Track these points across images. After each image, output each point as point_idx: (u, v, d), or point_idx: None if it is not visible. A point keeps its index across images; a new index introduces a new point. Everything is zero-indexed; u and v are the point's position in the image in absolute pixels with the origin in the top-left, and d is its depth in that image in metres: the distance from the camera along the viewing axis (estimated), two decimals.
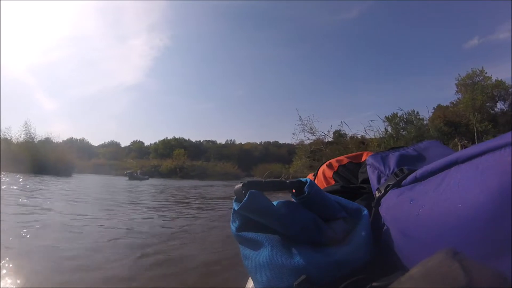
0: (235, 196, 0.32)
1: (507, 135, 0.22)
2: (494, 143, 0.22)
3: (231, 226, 0.35)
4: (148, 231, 3.09)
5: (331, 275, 0.30)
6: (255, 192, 0.31)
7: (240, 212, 0.32)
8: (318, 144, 7.08)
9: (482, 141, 0.47)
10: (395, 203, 0.33)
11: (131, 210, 4.74)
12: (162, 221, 3.82)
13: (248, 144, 43.10)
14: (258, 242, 0.32)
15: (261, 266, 0.31)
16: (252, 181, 0.32)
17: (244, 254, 0.34)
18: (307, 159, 7.22)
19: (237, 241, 0.35)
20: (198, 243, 2.72)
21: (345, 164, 0.62)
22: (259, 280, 0.31)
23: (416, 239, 0.28)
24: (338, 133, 7.19)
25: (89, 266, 1.89)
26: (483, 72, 17.41)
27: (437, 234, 0.25)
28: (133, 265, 1.97)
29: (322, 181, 0.62)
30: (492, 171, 0.21)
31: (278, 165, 9.43)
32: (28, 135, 17.54)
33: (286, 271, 0.29)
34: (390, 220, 0.34)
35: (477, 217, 0.21)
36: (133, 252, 2.23)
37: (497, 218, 0.20)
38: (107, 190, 8.37)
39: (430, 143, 0.47)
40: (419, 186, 0.31)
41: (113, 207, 4.84)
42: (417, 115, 6.13)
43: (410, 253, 0.30)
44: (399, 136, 5.66)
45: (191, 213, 4.71)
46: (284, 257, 0.30)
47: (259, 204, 0.31)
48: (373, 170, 0.42)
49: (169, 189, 10.37)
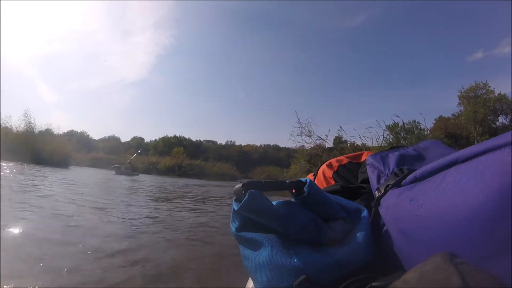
0: (235, 196, 0.32)
1: (507, 135, 0.22)
2: (494, 143, 0.22)
3: (231, 226, 0.35)
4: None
5: (331, 275, 0.30)
6: (255, 192, 0.31)
7: (240, 212, 0.32)
8: (318, 149, 7.05)
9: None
10: (395, 203, 0.33)
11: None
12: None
13: (248, 146, 42.93)
14: (258, 242, 0.32)
15: (261, 266, 0.31)
16: (252, 181, 0.32)
17: (244, 254, 0.34)
18: (305, 163, 7.20)
19: (237, 241, 0.35)
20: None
21: (345, 164, 0.62)
22: (259, 280, 0.31)
23: (416, 239, 0.28)
24: (338, 139, 7.15)
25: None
26: (487, 86, 17.64)
27: (437, 233, 0.25)
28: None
29: (322, 181, 0.62)
30: (492, 171, 0.21)
31: (276, 168, 9.37)
32: (28, 125, 17.24)
33: (286, 271, 0.29)
34: (390, 220, 0.34)
35: (477, 217, 0.21)
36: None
37: (497, 218, 0.20)
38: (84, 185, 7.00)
39: (430, 143, 0.47)
40: (419, 186, 0.31)
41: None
42: (418, 125, 6.13)
43: (410, 253, 0.30)
44: (399, 145, 5.73)
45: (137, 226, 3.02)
46: (284, 257, 0.30)
47: (259, 204, 0.31)
48: (373, 170, 0.42)
49: (152, 186, 9.25)
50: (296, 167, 7.62)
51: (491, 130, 16.98)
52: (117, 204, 4.49)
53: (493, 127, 17.43)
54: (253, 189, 0.31)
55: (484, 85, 17.69)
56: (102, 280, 1.58)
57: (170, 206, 4.96)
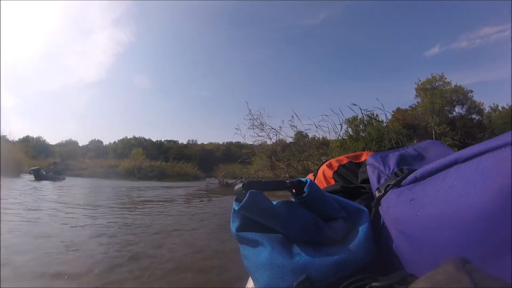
0: (235, 196, 0.32)
1: (507, 135, 0.22)
2: (494, 143, 0.22)
3: (231, 226, 0.35)
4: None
5: (331, 275, 0.30)
6: (255, 192, 0.31)
7: (240, 212, 0.32)
8: (279, 145, 6.88)
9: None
10: (395, 203, 0.33)
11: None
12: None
13: (211, 144, 41.58)
14: (258, 242, 0.32)
15: (261, 266, 0.31)
16: (252, 181, 0.32)
17: (244, 254, 0.34)
18: (267, 159, 7.04)
19: (237, 241, 0.35)
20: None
21: (345, 164, 0.62)
22: (259, 280, 0.31)
23: (416, 239, 0.28)
24: (300, 134, 6.93)
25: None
26: (443, 78, 18.30)
27: (437, 234, 0.25)
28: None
29: (322, 181, 0.62)
30: (492, 171, 0.21)
31: (238, 166, 9.29)
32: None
33: (286, 271, 0.29)
34: (390, 220, 0.34)
35: (477, 217, 0.21)
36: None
37: (497, 218, 0.20)
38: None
39: (430, 143, 0.47)
40: (419, 186, 0.31)
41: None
42: (376, 117, 6.07)
43: (410, 253, 0.30)
44: (359, 137, 5.72)
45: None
46: (284, 257, 0.30)
47: (259, 204, 0.31)
48: (373, 170, 0.42)
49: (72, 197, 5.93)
50: (258, 163, 7.42)
51: (448, 119, 17.67)
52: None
53: (450, 117, 18.13)
54: (253, 189, 0.31)
55: (440, 77, 18.25)
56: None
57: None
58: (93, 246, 2.27)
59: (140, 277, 1.65)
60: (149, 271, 1.74)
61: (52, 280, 1.57)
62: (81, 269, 1.73)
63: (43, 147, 33.56)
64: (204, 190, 9.29)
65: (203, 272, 1.78)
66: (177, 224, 3.31)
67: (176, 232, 2.87)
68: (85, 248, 2.18)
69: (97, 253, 2.07)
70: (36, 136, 37.48)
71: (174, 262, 1.93)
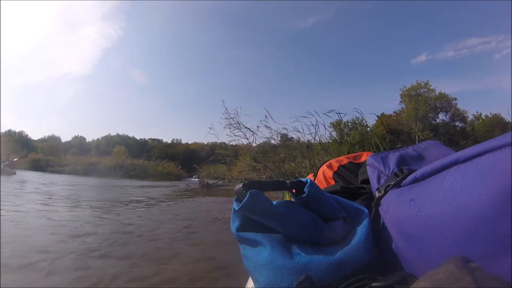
0: (236, 196, 0.32)
1: (507, 135, 0.22)
2: (494, 143, 0.22)
3: (231, 226, 0.35)
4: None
5: (331, 275, 0.30)
6: (256, 192, 0.31)
7: (240, 212, 0.32)
8: (265, 146, 6.79)
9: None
10: (395, 203, 0.33)
11: None
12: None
13: (195, 144, 40.61)
14: (258, 242, 0.32)
15: (261, 266, 0.31)
16: (253, 181, 0.32)
17: (244, 254, 0.34)
18: (250, 160, 6.95)
19: (237, 241, 0.35)
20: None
21: (345, 164, 0.62)
22: (259, 280, 0.31)
23: (416, 239, 0.28)
24: (285, 137, 6.86)
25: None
26: (428, 85, 18.65)
27: (437, 234, 0.25)
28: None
29: (322, 181, 0.62)
30: (492, 171, 0.21)
31: (222, 167, 9.24)
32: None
33: (286, 271, 0.29)
34: (390, 220, 0.34)
35: (477, 217, 0.21)
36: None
37: (497, 218, 0.20)
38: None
39: (430, 143, 0.47)
40: (419, 186, 0.31)
41: None
42: (361, 122, 6.04)
43: (410, 253, 0.30)
44: (343, 141, 5.74)
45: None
46: (284, 257, 0.30)
47: (259, 204, 0.31)
48: (373, 170, 0.42)
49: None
50: (242, 164, 7.34)
51: (431, 126, 18.04)
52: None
53: (433, 124, 18.48)
54: (253, 189, 0.31)
55: (425, 84, 18.63)
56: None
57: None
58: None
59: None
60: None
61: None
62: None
63: (25, 142, 32.99)
64: (183, 191, 9.19)
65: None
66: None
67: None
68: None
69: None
70: (18, 131, 36.74)
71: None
